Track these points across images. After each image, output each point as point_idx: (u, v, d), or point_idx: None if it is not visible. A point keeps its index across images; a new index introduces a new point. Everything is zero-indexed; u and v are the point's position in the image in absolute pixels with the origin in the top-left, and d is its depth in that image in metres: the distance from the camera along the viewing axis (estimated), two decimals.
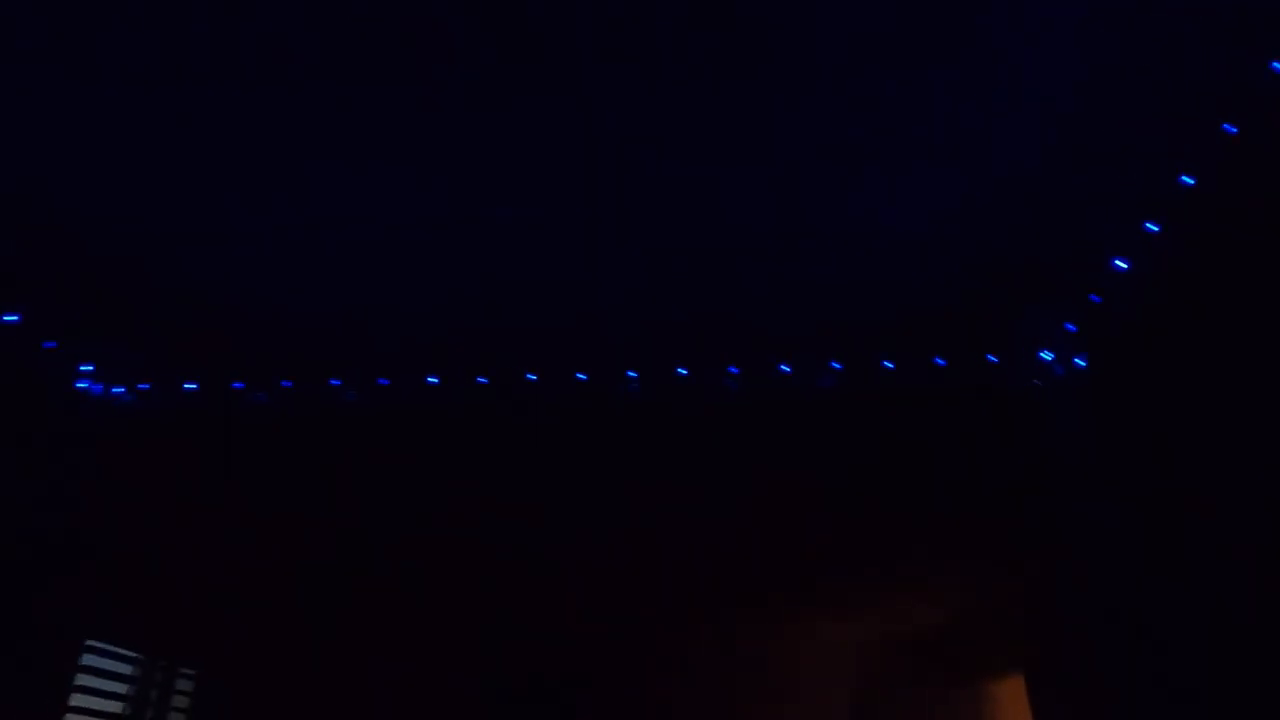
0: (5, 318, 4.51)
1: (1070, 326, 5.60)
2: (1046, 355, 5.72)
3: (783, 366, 5.75)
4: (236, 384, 5.22)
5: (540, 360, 5.66)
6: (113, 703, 8.04)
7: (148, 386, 5.18)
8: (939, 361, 5.75)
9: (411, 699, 9.66)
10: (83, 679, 7.28)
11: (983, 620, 9.07)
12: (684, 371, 5.56)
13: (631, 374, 5.57)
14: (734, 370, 5.66)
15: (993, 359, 5.77)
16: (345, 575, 7.40)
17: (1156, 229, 4.92)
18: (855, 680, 10.36)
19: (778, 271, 5.02)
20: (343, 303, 5.10)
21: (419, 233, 4.71)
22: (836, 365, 5.68)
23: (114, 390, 5.15)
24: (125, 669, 8.03)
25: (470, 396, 5.42)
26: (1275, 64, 4.09)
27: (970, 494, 6.62)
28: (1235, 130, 4.35)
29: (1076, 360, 5.72)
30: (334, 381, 5.27)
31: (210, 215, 4.50)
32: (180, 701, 8.82)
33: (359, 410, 5.39)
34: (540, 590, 8.01)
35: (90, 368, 5.06)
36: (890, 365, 5.82)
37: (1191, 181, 4.63)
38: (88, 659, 7.27)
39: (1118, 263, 5.10)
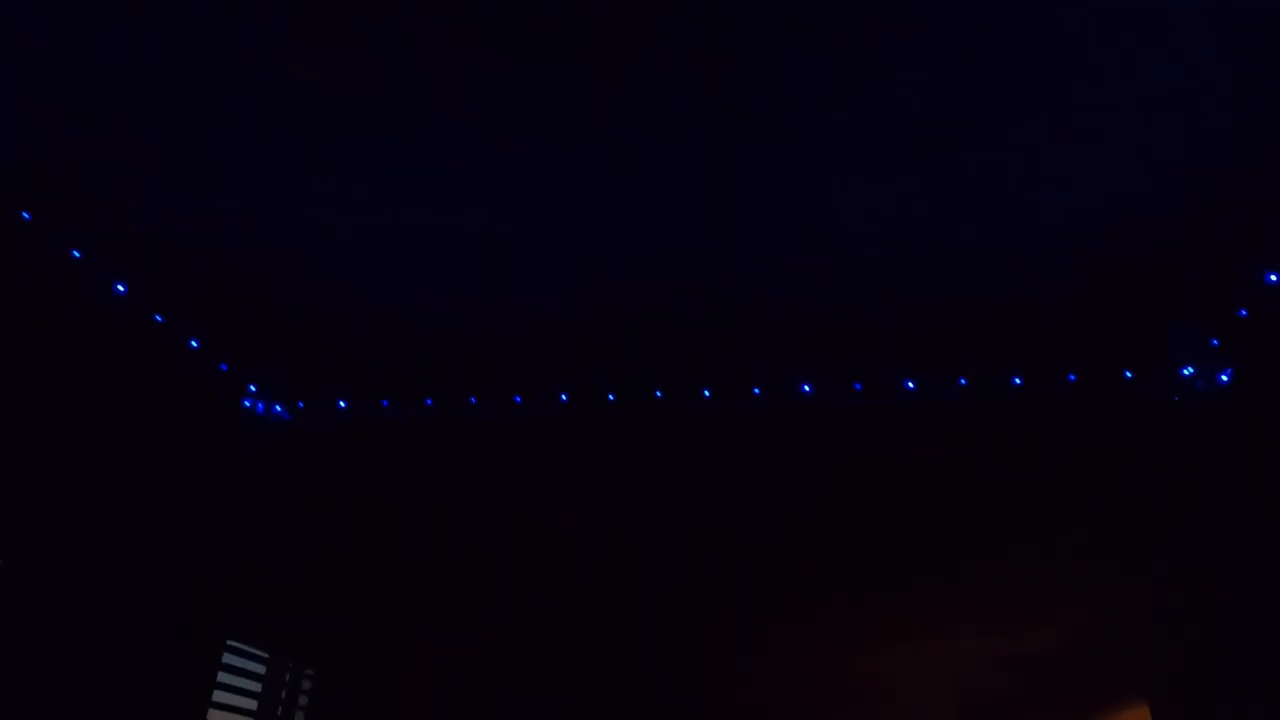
0: (191, 342, 4.91)
1: (1214, 341, 5.42)
2: (1188, 371, 5.55)
3: (907, 382, 5.73)
4: (384, 402, 5.52)
5: (669, 377, 5.78)
6: (247, 700, 8.54)
7: (304, 405, 5.52)
8: (1071, 377, 5.64)
9: (510, 708, 9.88)
10: (223, 677, 7.74)
11: (1102, 644, 8.76)
12: (808, 389, 5.60)
13: (755, 390, 5.63)
14: (858, 386, 5.67)
15: (1129, 374, 5.63)
16: (463, 585, 7.66)
17: None
18: (965, 702, 10.12)
19: (918, 284, 5.02)
20: (481, 326, 5.33)
21: (561, 260, 4.89)
22: (963, 381, 5.63)
23: (275, 408, 5.51)
24: (259, 668, 8.50)
25: (598, 412, 5.57)
26: None
27: (1100, 513, 6.44)
28: None
29: (1220, 376, 5.54)
30: (472, 400, 5.51)
31: (366, 248, 4.77)
32: (303, 700, 9.29)
33: (493, 426, 5.61)
34: (660, 608, 8.11)
35: (255, 387, 5.44)
36: (1018, 381, 5.74)
37: None
38: (227, 658, 7.73)
39: (1271, 276, 4.92)
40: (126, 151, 4.10)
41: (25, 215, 4.19)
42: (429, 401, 5.53)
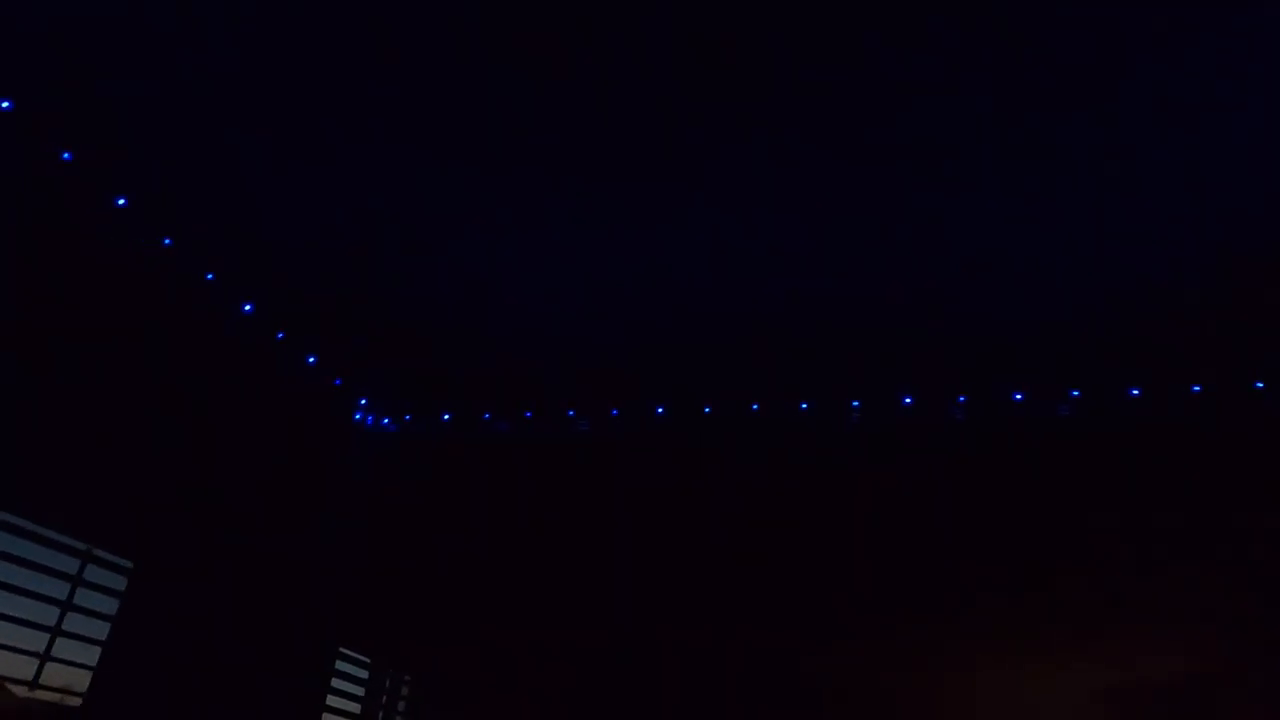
0: (308, 359, 5.20)
1: None
2: None
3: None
4: (484, 415, 5.69)
5: (763, 390, 5.76)
6: (352, 703, 8.88)
7: (411, 418, 5.75)
8: (1195, 389, 5.33)
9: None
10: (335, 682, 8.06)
11: (1238, 675, 8.12)
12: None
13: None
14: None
15: (1259, 385, 5.28)
16: (559, 593, 7.75)
17: None
18: None
19: (1083, 301, 4.87)
20: (579, 343, 5.44)
21: (653, 282, 4.96)
22: (1135, 391, 5.39)
23: (383, 421, 5.76)
24: (363, 673, 8.82)
25: (694, 424, 5.59)
26: None
27: (1251, 529, 5.99)
28: None
29: None
30: (569, 412, 5.62)
31: (470, 272, 4.96)
32: (401, 705, 9.59)
33: (589, 438, 5.70)
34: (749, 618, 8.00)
35: (365, 401, 5.70)
36: (1135, 392, 5.46)
37: None
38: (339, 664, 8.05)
39: None
40: (254, 181, 4.39)
41: (166, 241, 4.54)
42: (528, 414, 5.67)
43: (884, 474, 5.87)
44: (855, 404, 5.46)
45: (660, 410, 5.61)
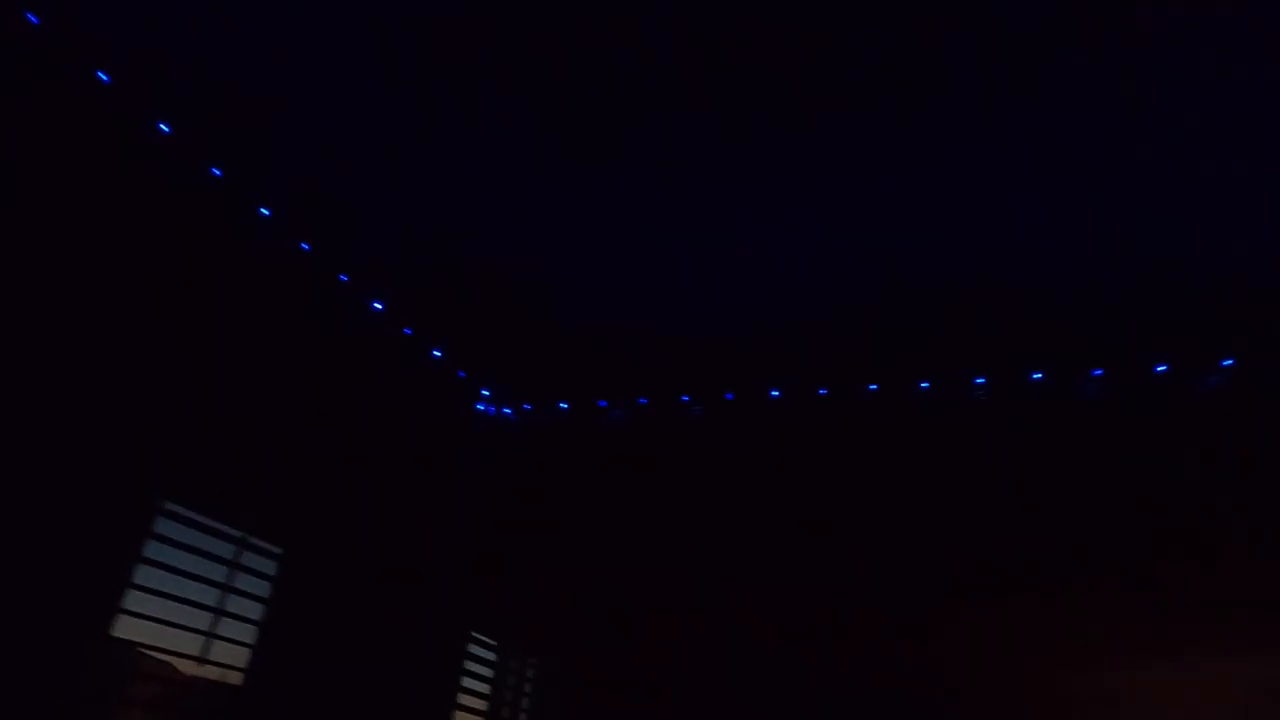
0: (434, 352, 5.46)
1: None
2: None
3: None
4: (601, 402, 5.81)
5: (876, 370, 5.63)
6: (482, 684, 9.26)
7: (530, 407, 5.93)
8: None
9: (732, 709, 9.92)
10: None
11: None
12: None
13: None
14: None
15: None
16: (678, 580, 7.84)
17: None
18: None
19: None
20: (693, 330, 5.47)
21: (765, 269, 4.93)
22: (1227, 362, 5.03)
23: (504, 410, 5.98)
24: (491, 656, 9.19)
25: (809, 407, 5.53)
26: None
27: None
28: None
29: None
30: (684, 398, 5.66)
31: (588, 264, 5.07)
32: (528, 687, 9.91)
33: (704, 423, 5.73)
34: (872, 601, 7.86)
35: (488, 392, 5.93)
36: None
37: None
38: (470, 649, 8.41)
39: None
40: (386, 190, 4.64)
41: (304, 246, 4.88)
42: (643, 400, 5.75)
43: (1009, 452, 5.65)
44: (980, 380, 5.27)
45: (775, 394, 5.58)
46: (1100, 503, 6.41)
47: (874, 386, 5.51)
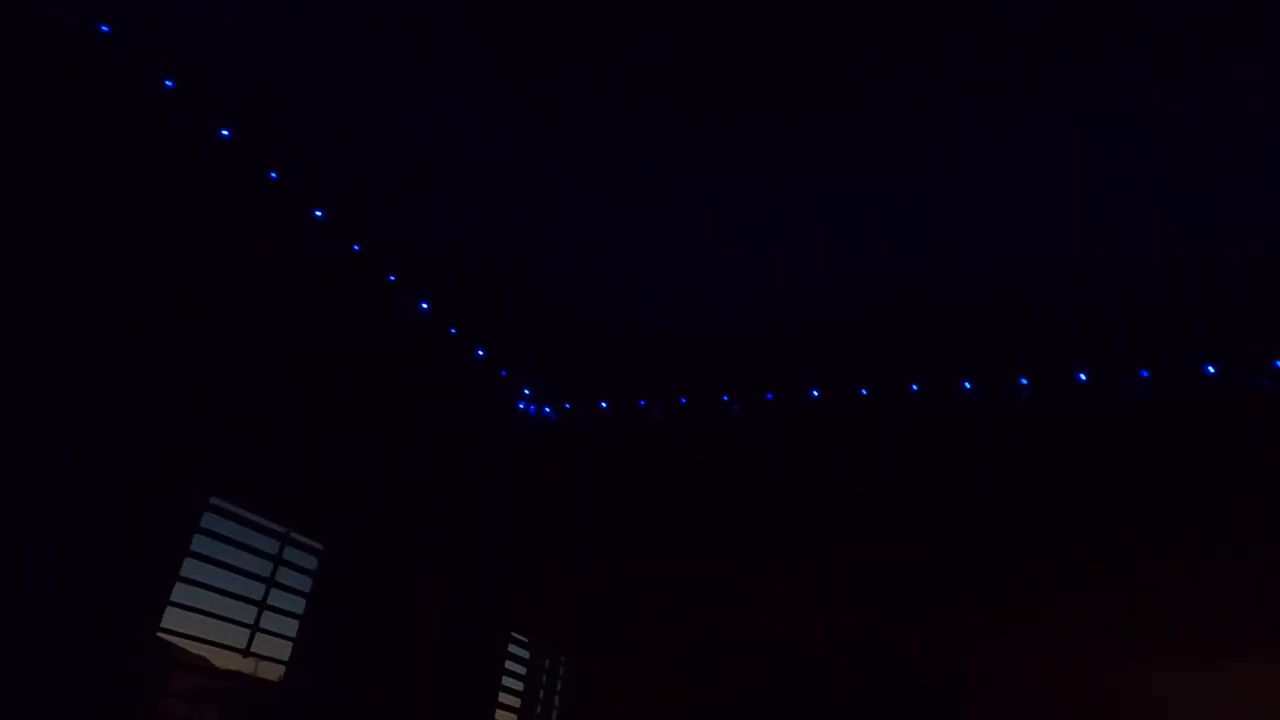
0: (478, 352, 5.52)
1: None
2: None
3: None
4: (640, 401, 5.83)
5: (915, 370, 5.61)
6: (515, 681, 9.32)
7: (570, 406, 5.98)
8: None
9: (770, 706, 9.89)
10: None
11: None
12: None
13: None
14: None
15: None
16: (713, 577, 7.85)
17: None
18: None
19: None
20: (731, 330, 5.48)
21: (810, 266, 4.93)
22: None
23: (545, 410, 6.02)
24: (524, 653, 9.25)
25: (852, 407, 5.52)
26: None
27: None
28: None
29: None
30: (723, 397, 5.67)
31: (629, 267, 5.11)
32: (560, 685, 9.96)
33: (743, 423, 5.73)
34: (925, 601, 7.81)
35: (529, 391, 5.98)
36: None
37: None
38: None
39: None
40: (432, 190, 4.71)
41: (355, 247, 4.96)
42: (683, 400, 5.76)
43: (1059, 450, 5.60)
44: (1024, 380, 5.23)
45: (815, 394, 5.57)
46: (1137, 502, 6.33)
47: (915, 387, 5.49)
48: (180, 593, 4.55)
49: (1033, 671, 9.31)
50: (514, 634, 8.48)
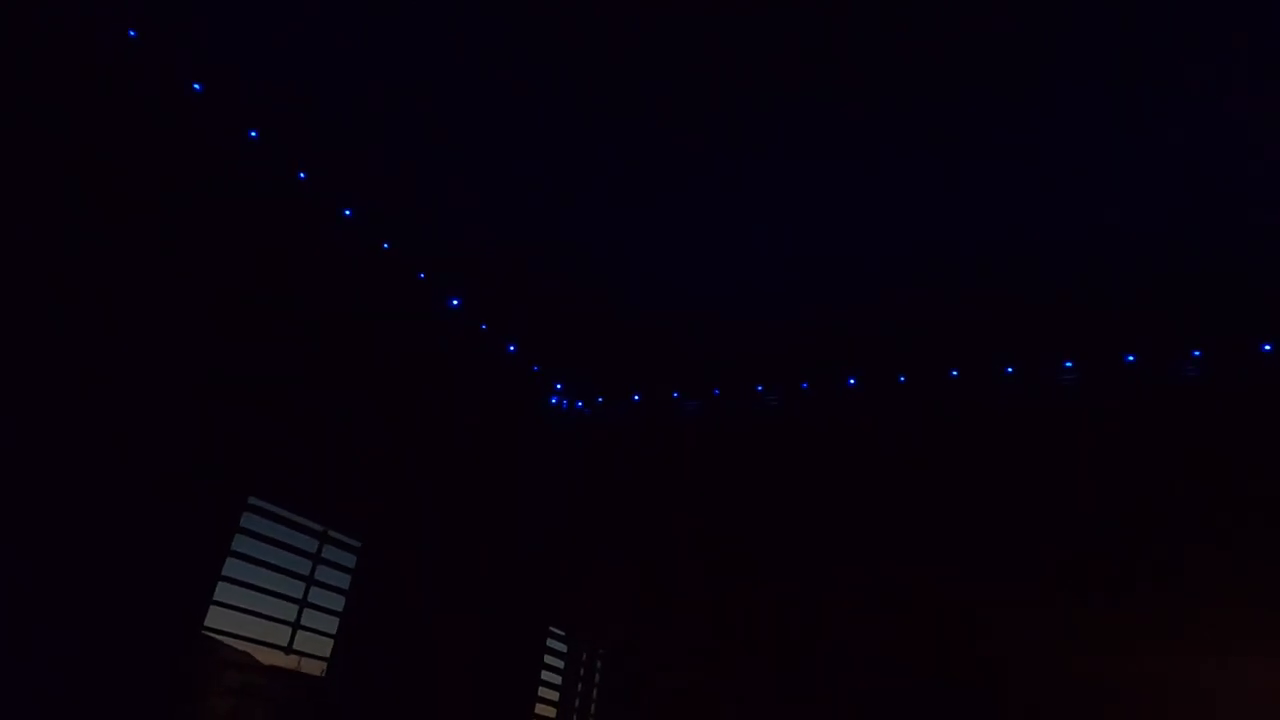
0: (510, 347, 5.50)
1: None
2: None
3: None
4: (674, 394, 5.78)
5: (947, 359, 5.48)
6: (554, 675, 9.36)
7: (602, 400, 5.94)
8: None
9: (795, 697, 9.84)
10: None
11: None
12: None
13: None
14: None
15: None
16: (747, 569, 7.79)
17: None
18: None
19: None
20: (766, 319, 5.40)
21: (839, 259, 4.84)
22: None
23: (577, 404, 5.99)
24: (562, 647, 9.28)
25: (889, 396, 5.42)
26: None
27: None
28: None
29: None
30: (758, 388, 5.59)
31: (659, 257, 5.05)
32: (596, 678, 9.98)
33: (780, 415, 5.65)
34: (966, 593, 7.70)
35: (560, 386, 5.95)
36: None
37: None
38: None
39: None
40: (460, 186, 4.69)
41: (385, 245, 4.96)
42: (716, 392, 5.70)
43: (1107, 435, 5.44)
44: (1068, 364, 5.08)
45: (852, 382, 5.47)
46: (1186, 489, 6.15)
47: (955, 373, 5.36)
48: (222, 592, 4.60)
49: (1079, 664, 9.14)
50: (552, 628, 8.53)
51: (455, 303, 5.43)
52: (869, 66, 3.95)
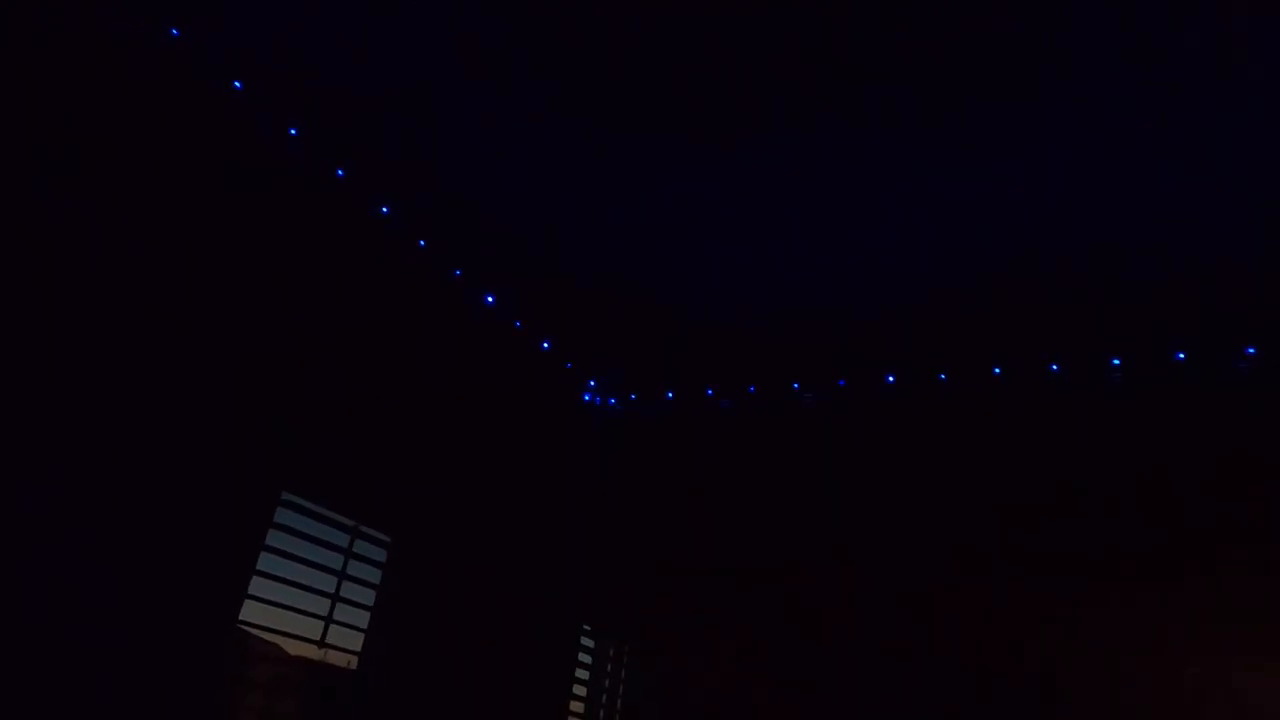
0: (543, 345, 5.47)
1: None
2: None
3: None
4: (708, 390, 5.71)
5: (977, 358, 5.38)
6: (582, 670, 9.36)
7: (635, 397, 5.89)
8: None
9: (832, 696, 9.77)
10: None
11: None
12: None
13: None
14: None
15: None
16: (779, 569, 7.74)
17: None
18: None
19: None
20: (801, 316, 5.32)
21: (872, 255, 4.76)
22: None
23: (610, 400, 5.95)
24: (589, 642, 9.26)
25: (928, 393, 5.32)
26: None
27: None
28: None
29: None
30: (794, 385, 5.52)
31: (692, 255, 4.98)
32: (621, 673, 9.97)
33: (814, 413, 5.58)
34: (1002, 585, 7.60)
35: (594, 383, 5.91)
36: None
37: None
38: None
39: None
40: (495, 185, 4.65)
41: (421, 243, 4.95)
42: (750, 389, 5.63)
43: (1145, 434, 5.32)
44: (1116, 361, 4.96)
45: (890, 379, 5.37)
46: (1222, 492, 6.02)
47: (997, 370, 5.26)
48: (255, 586, 4.62)
49: (1114, 667, 9.01)
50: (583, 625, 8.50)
51: (490, 300, 5.40)
52: (923, 95, 3.85)
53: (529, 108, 4.29)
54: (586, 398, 6.02)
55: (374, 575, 5.79)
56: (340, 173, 4.55)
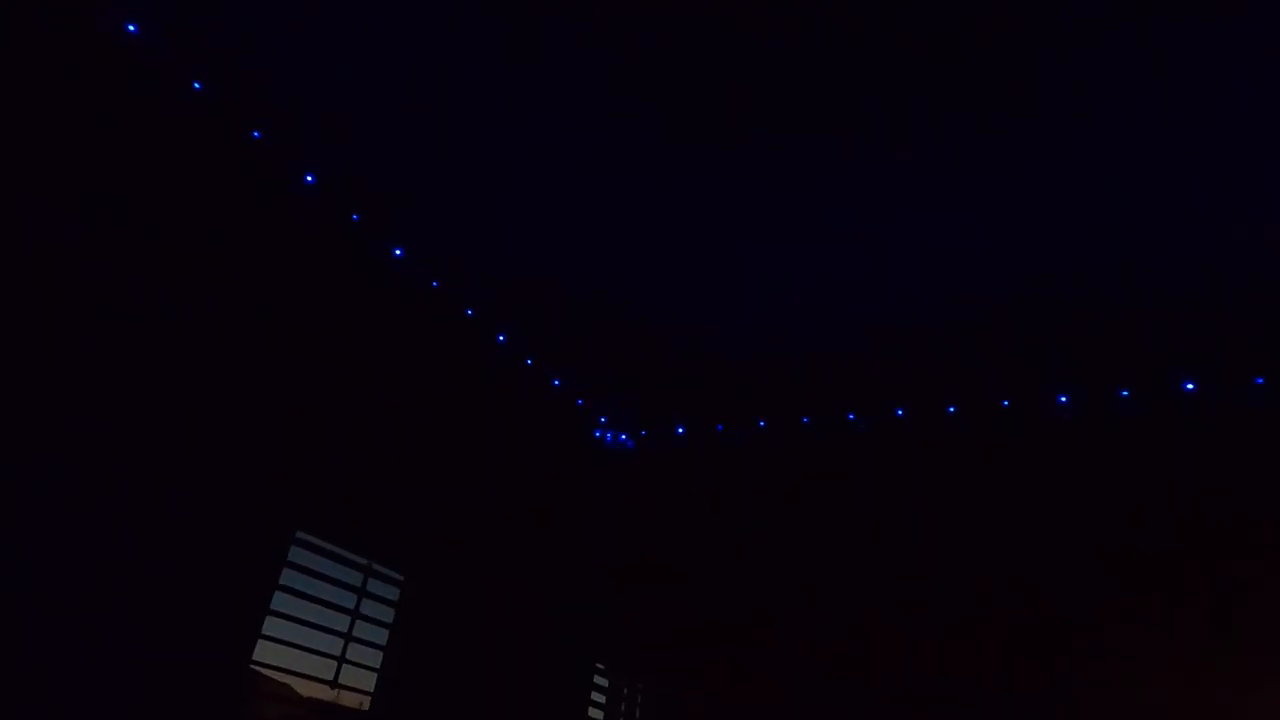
0: (554, 381, 5.52)
1: None
2: None
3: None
4: (718, 426, 5.74)
5: (999, 387, 5.37)
6: (596, 711, 9.25)
7: (646, 433, 5.92)
8: None
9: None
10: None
11: None
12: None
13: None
14: None
15: None
16: (794, 605, 7.64)
17: None
18: None
19: None
20: (811, 351, 5.35)
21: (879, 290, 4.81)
22: None
23: (621, 437, 5.98)
24: (603, 681, 9.17)
25: (937, 425, 5.32)
26: None
27: None
28: None
29: None
30: (804, 419, 5.53)
31: (704, 294, 5.05)
32: (636, 712, 9.83)
33: (826, 446, 5.58)
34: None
35: (605, 419, 5.95)
36: None
37: None
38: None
39: None
40: (505, 225, 4.74)
41: (435, 284, 5.04)
42: (761, 423, 5.65)
43: (1164, 457, 5.28)
44: (1124, 393, 4.95)
45: (900, 412, 5.38)
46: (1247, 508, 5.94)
47: (1006, 403, 5.26)
48: (268, 625, 4.61)
49: (1140, 685, 8.78)
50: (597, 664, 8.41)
51: (502, 338, 5.48)
52: (941, 132, 3.91)
53: (540, 149, 4.39)
54: (598, 434, 6.06)
55: (387, 614, 5.79)
56: (355, 217, 4.67)
